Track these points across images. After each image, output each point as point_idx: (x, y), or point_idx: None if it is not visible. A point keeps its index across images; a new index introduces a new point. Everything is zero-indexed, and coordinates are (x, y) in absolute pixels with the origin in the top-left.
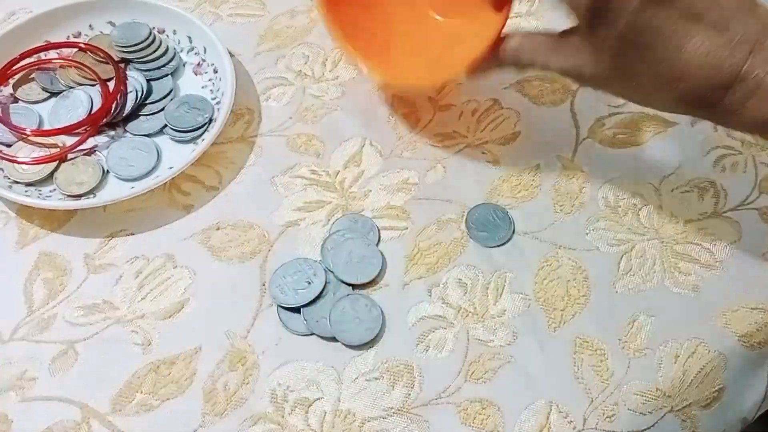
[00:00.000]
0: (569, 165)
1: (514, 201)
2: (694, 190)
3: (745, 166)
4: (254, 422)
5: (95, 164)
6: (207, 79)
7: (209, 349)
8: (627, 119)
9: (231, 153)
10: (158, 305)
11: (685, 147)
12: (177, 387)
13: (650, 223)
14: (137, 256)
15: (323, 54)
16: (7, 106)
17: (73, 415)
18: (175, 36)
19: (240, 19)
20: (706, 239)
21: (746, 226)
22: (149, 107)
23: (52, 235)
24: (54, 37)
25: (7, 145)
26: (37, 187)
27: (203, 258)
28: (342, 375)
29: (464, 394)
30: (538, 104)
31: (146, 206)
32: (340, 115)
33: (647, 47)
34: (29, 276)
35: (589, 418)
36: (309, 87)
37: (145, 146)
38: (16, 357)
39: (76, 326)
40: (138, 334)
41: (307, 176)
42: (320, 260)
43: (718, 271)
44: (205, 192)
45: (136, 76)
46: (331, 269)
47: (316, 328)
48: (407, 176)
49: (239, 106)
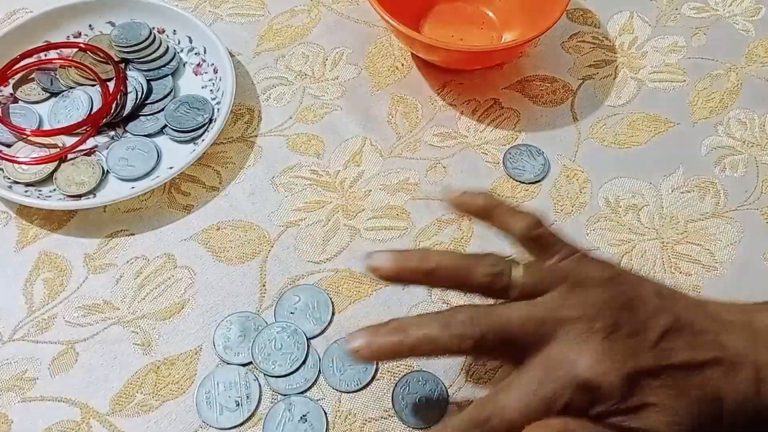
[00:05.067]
0: (569, 165)
1: (514, 201)
2: (694, 190)
3: (746, 166)
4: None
5: (95, 164)
6: (207, 79)
7: (209, 349)
8: (627, 119)
9: (231, 153)
10: (158, 305)
11: (685, 147)
12: (177, 387)
13: (650, 223)
14: (137, 257)
15: (323, 54)
16: (7, 106)
17: (73, 416)
18: (175, 36)
19: (240, 19)
20: (706, 239)
21: (746, 226)
22: (149, 107)
23: (52, 235)
24: (54, 37)
25: (7, 145)
26: (37, 187)
27: (203, 258)
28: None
29: (464, 394)
30: (538, 104)
31: (146, 206)
32: (340, 115)
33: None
34: (29, 276)
35: None
36: (309, 87)
37: (145, 146)
38: (16, 357)
39: (76, 326)
40: (138, 335)
41: (307, 176)
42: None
43: (718, 271)
44: (205, 192)
45: (136, 76)
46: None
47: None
48: (407, 176)
49: (239, 106)
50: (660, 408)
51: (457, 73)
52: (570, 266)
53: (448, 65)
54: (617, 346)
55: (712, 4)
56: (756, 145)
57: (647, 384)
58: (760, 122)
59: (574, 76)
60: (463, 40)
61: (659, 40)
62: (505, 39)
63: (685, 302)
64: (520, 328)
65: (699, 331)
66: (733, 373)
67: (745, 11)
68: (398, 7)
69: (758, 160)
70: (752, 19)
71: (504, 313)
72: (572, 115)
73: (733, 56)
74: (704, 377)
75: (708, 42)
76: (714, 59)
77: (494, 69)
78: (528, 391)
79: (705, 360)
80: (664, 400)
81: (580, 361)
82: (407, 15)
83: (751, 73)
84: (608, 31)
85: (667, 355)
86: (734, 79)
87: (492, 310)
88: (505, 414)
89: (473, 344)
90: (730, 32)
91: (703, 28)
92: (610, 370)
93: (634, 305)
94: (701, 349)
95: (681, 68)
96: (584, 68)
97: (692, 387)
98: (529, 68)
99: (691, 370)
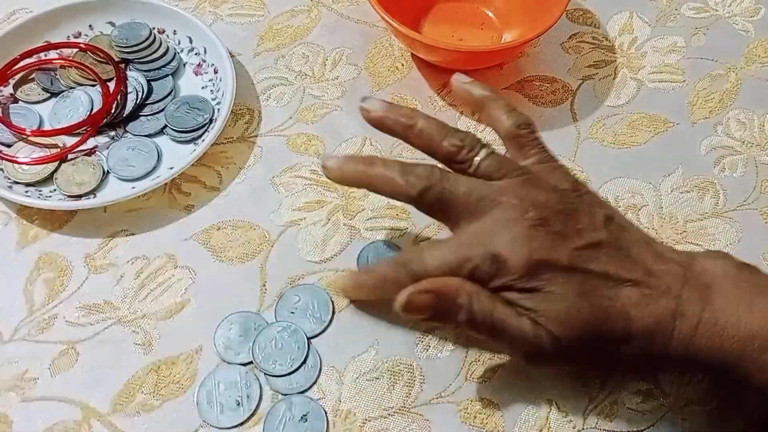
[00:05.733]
0: (569, 165)
1: None
2: (693, 190)
3: (745, 166)
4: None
5: (95, 164)
6: (207, 79)
7: (209, 349)
8: (626, 119)
9: (231, 153)
10: (158, 305)
11: (685, 147)
12: (177, 387)
13: (650, 223)
14: (138, 257)
15: (323, 54)
16: (7, 106)
17: (74, 415)
18: (175, 36)
19: (240, 19)
20: (706, 239)
21: (746, 226)
22: (149, 107)
23: (53, 235)
24: (54, 37)
25: (7, 145)
26: (38, 188)
27: (203, 258)
28: (343, 376)
29: (464, 393)
30: (538, 104)
31: (146, 206)
32: (340, 115)
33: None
34: (30, 276)
35: (588, 417)
36: (309, 87)
37: (145, 146)
38: (16, 357)
39: (77, 326)
40: (138, 334)
41: (307, 176)
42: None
43: None
44: (205, 192)
45: (136, 76)
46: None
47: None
48: None
49: (239, 106)
50: (554, 297)
51: None
52: (536, 169)
53: (448, 65)
54: (539, 236)
55: (712, 4)
56: (755, 145)
57: (552, 275)
58: (760, 122)
59: (574, 77)
60: (463, 40)
61: (659, 40)
62: (505, 39)
63: (632, 235)
64: (462, 197)
65: (632, 256)
66: (653, 299)
67: (745, 11)
68: (398, 7)
69: (757, 160)
70: (752, 19)
71: (456, 180)
72: (572, 115)
73: (733, 56)
74: (619, 292)
75: (708, 42)
76: (713, 59)
77: (494, 69)
78: (449, 249)
79: (626, 278)
80: (562, 292)
81: (499, 237)
82: (407, 15)
83: (750, 73)
84: (608, 31)
85: (586, 260)
86: (734, 80)
87: (448, 175)
88: (424, 261)
89: (417, 193)
90: (730, 32)
91: (702, 28)
92: (521, 250)
93: (576, 216)
94: (626, 269)
95: (680, 68)
96: (584, 68)
97: (600, 295)
98: (529, 68)
99: (607, 280)
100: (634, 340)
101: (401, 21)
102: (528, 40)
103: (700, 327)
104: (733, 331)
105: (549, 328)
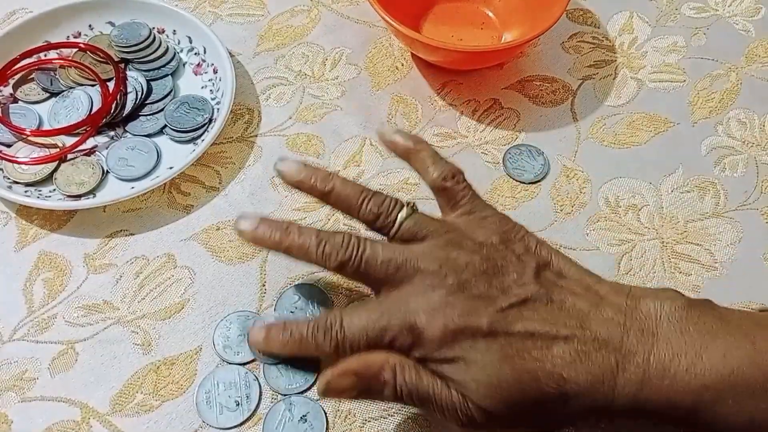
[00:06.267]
0: (569, 165)
1: (514, 201)
2: (694, 190)
3: (745, 166)
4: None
5: (95, 164)
6: (207, 79)
7: (209, 349)
8: (627, 119)
9: (231, 153)
10: (158, 305)
11: (685, 147)
12: (177, 387)
13: (650, 223)
14: (137, 257)
15: (323, 54)
16: (7, 106)
17: (73, 415)
18: (175, 36)
19: (240, 19)
20: (706, 239)
21: (746, 226)
22: (149, 107)
23: (52, 235)
24: (54, 37)
25: (7, 145)
26: (37, 188)
27: (203, 258)
28: None
29: None
30: (538, 104)
31: (146, 206)
32: (339, 115)
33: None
34: (29, 276)
35: None
36: (309, 87)
37: (144, 146)
38: (16, 357)
39: (76, 326)
40: (138, 334)
41: None
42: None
43: (718, 271)
44: (205, 192)
45: (136, 76)
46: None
47: None
48: (407, 176)
49: (239, 106)
50: (476, 366)
51: (456, 73)
52: (461, 223)
53: (447, 65)
54: (458, 302)
55: (712, 4)
56: (756, 145)
57: (471, 343)
58: (760, 122)
59: (574, 76)
60: (462, 40)
61: (659, 40)
62: (505, 39)
63: (569, 282)
64: (380, 267)
65: (565, 308)
66: (588, 355)
67: (745, 11)
68: (398, 7)
69: (758, 160)
70: (752, 19)
71: (374, 249)
72: (572, 115)
73: (733, 56)
74: (549, 352)
75: (708, 42)
76: (714, 59)
77: (494, 69)
78: (370, 317)
79: (555, 335)
80: (484, 361)
81: (416, 306)
82: (407, 15)
83: (750, 73)
84: (608, 31)
85: (510, 321)
86: (734, 79)
87: (367, 244)
88: (344, 329)
89: (337, 266)
90: (730, 32)
91: (703, 28)
92: (437, 320)
93: (502, 273)
94: (557, 325)
95: (681, 68)
96: (584, 68)
97: (525, 358)
98: (529, 68)
99: (534, 340)
100: (573, 399)
101: (401, 21)
102: (528, 40)
103: (646, 380)
104: (682, 384)
105: (473, 400)
